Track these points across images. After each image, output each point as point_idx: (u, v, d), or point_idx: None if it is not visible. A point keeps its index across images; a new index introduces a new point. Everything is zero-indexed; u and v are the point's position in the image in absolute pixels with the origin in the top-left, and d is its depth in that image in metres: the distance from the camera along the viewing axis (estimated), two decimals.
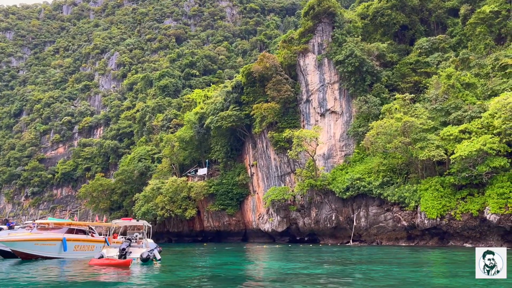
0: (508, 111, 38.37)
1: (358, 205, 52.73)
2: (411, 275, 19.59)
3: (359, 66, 59.09)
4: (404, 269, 22.24)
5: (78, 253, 31.34)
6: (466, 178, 40.42)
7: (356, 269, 22.67)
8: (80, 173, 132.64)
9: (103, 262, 22.94)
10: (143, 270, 22.17)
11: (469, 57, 55.19)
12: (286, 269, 23.08)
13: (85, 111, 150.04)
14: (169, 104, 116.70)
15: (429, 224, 42.34)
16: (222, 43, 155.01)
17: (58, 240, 30.53)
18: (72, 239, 31.68)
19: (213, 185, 73.61)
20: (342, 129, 61.36)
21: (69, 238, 31.43)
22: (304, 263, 25.75)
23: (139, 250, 25.90)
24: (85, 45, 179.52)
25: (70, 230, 32.80)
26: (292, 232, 62.84)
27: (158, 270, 22.50)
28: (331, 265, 24.69)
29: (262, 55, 67.65)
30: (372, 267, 23.59)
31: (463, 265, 23.92)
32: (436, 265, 25.82)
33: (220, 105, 75.36)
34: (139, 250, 25.91)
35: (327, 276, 19.73)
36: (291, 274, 20.81)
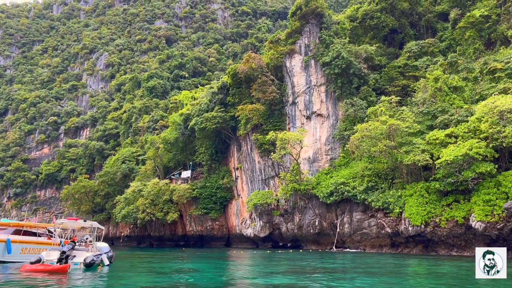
0: (496, 115, 37.05)
1: (342, 210, 51.13)
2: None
3: (346, 68, 57.76)
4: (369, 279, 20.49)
5: (26, 256, 28.40)
6: (452, 184, 38.96)
7: (311, 279, 20.87)
8: (65, 175, 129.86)
9: (35, 268, 20.48)
10: (82, 276, 20.01)
11: (457, 61, 54.01)
12: (233, 278, 21.38)
13: (71, 111, 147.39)
14: (157, 105, 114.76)
15: (413, 231, 40.76)
16: (212, 46, 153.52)
17: (1, 241, 28.11)
18: (19, 241, 29.15)
19: (196, 188, 71.65)
20: (328, 133, 59.87)
21: (15, 239, 28.88)
22: (263, 271, 23.97)
23: (85, 254, 23.69)
24: (74, 45, 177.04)
25: (17, 231, 30.35)
26: (275, 237, 61.04)
27: (99, 277, 20.37)
28: (289, 274, 22.87)
29: (248, 56, 66.08)
30: (334, 275, 21.95)
31: (442, 278, 22.22)
32: (410, 276, 24.14)
33: (205, 106, 73.58)
34: (84, 254, 23.71)
35: (266, 286, 18.06)
36: (236, 282, 19.24)
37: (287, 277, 21.46)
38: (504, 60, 49.38)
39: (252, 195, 61.09)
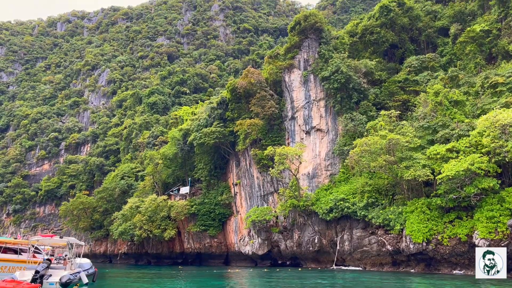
0: (497, 129, 36.15)
1: (342, 227, 49.82)
2: None
3: (345, 83, 57.16)
4: None
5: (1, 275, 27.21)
6: (454, 200, 37.84)
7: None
8: (64, 191, 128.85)
9: (4, 286, 19.18)
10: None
11: (458, 75, 53.40)
12: None
13: (72, 127, 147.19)
14: (157, 121, 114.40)
15: (414, 249, 39.45)
16: (214, 62, 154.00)
17: None
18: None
19: (194, 205, 70.53)
20: (328, 148, 58.96)
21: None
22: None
23: (62, 272, 22.44)
24: (76, 61, 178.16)
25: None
26: (274, 255, 59.57)
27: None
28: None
29: (247, 70, 65.73)
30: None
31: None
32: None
33: (204, 121, 72.99)
34: (61, 272, 22.45)
35: None
36: None
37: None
38: (505, 74, 48.65)
39: (250, 212, 59.90)
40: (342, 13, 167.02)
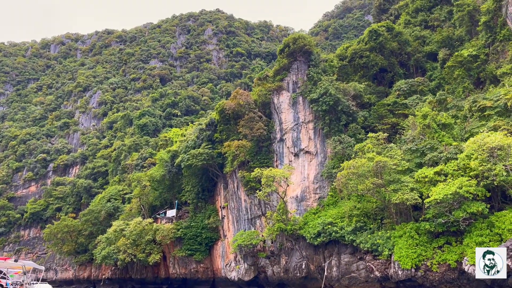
0: (485, 153, 35.50)
1: (330, 252, 48.34)
2: None
3: (334, 105, 56.76)
4: None
5: None
6: (443, 225, 36.79)
7: None
8: (51, 213, 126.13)
9: None
10: None
11: (446, 99, 53.24)
12: None
13: (62, 148, 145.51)
14: (147, 143, 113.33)
15: (403, 275, 38.10)
16: (206, 85, 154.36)
17: None
18: None
19: (181, 228, 68.74)
20: (317, 170, 58.00)
21: None
22: None
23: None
24: (68, 83, 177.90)
25: None
26: (260, 281, 57.67)
27: None
28: None
29: (235, 92, 65.33)
30: None
31: None
32: None
33: (192, 143, 72.02)
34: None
35: None
36: None
37: None
38: (493, 98, 48.53)
39: (237, 235, 58.33)
40: (334, 39, 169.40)
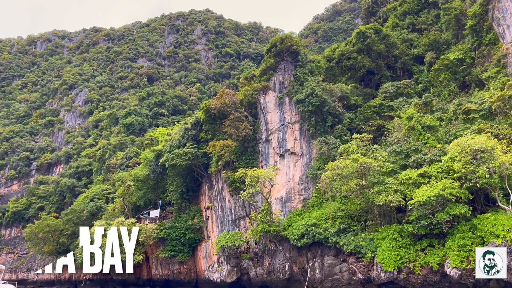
0: (469, 155, 35.33)
1: (314, 254, 47.85)
2: None
3: (320, 106, 56.42)
4: None
5: None
6: (426, 227, 36.57)
7: None
8: (33, 213, 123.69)
9: None
10: None
11: (432, 101, 53.25)
12: None
13: (45, 147, 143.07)
14: (132, 142, 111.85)
15: (385, 277, 37.75)
16: (195, 85, 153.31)
17: None
18: None
19: (164, 229, 67.57)
20: (302, 172, 57.55)
21: None
22: None
23: None
24: (54, 80, 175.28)
25: None
26: (243, 283, 56.92)
27: None
28: None
29: (221, 91, 64.60)
30: None
31: None
32: None
33: (177, 142, 70.98)
34: None
35: None
36: None
37: None
38: (478, 101, 48.63)
39: (220, 236, 57.58)
40: (324, 42, 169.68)
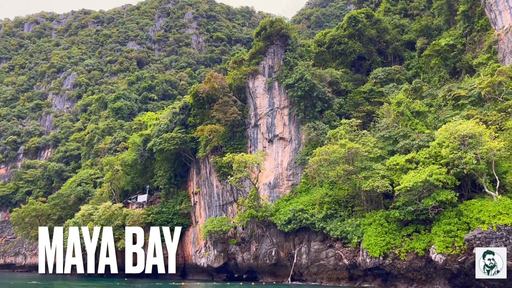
0: (457, 140, 35.00)
1: (300, 239, 47.67)
2: None
3: (310, 91, 55.75)
4: None
5: None
6: (412, 213, 36.39)
7: None
8: (20, 197, 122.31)
9: None
10: None
11: (422, 87, 52.78)
12: None
13: (33, 131, 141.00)
14: (121, 127, 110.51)
15: (371, 263, 37.66)
16: (185, 69, 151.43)
17: None
18: None
19: (152, 214, 66.98)
20: (290, 157, 57.10)
21: None
22: None
23: None
24: (42, 63, 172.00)
25: None
26: (230, 268, 56.76)
27: None
28: None
29: (210, 75, 63.56)
30: None
31: None
32: None
33: (165, 126, 69.97)
34: None
35: None
36: None
37: None
38: (468, 87, 48.29)
39: (207, 222, 57.20)
40: (317, 28, 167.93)
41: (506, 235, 29.86)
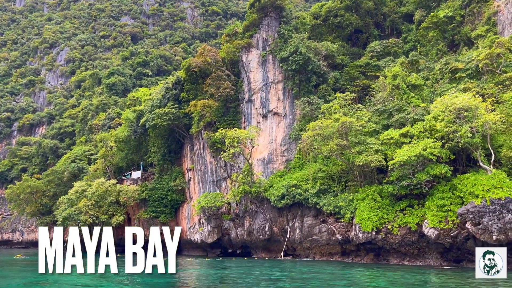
0: (452, 114, 34.17)
1: (294, 215, 47.43)
2: None
3: (304, 65, 54.49)
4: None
5: None
6: (406, 188, 35.91)
7: None
8: (16, 174, 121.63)
9: None
10: None
11: (418, 60, 51.53)
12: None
13: (27, 107, 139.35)
14: (115, 103, 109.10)
15: (363, 238, 37.40)
16: (180, 44, 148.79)
17: None
18: None
19: (146, 190, 66.72)
20: (285, 133, 56.35)
21: None
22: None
23: None
24: (34, 38, 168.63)
25: None
26: (224, 244, 56.76)
27: None
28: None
29: (202, 48, 62.05)
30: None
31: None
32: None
33: (157, 102, 68.81)
34: None
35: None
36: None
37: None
38: (465, 60, 47.15)
39: (200, 197, 56.89)
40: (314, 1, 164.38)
41: (499, 209, 29.51)
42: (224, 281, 27.73)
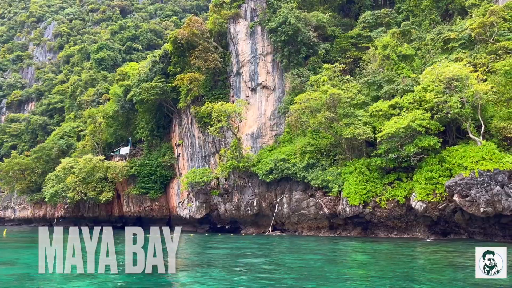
0: (442, 84, 33.03)
1: (282, 189, 46.72)
2: None
3: (294, 36, 52.67)
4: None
5: None
6: (394, 160, 35.08)
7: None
8: (5, 151, 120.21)
9: None
10: None
11: (410, 30, 49.95)
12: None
13: (15, 83, 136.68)
14: (104, 78, 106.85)
15: (351, 212, 36.78)
16: (170, 18, 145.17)
17: None
18: None
19: (134, 166, 65.96)
20: (274, 107, 55.04)
21: None
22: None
23: None
24: (21, 13, 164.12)
25: None
26: (213, 219, 56.30)
27: None
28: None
29: (189, 19, 60.04)
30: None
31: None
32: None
33: (144, 76, 67.13)
34: None
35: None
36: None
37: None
38: (458, 29, 45.69)
39: (188, 173, 56.04)
40: None
41: (488, 181, 28.79)
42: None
